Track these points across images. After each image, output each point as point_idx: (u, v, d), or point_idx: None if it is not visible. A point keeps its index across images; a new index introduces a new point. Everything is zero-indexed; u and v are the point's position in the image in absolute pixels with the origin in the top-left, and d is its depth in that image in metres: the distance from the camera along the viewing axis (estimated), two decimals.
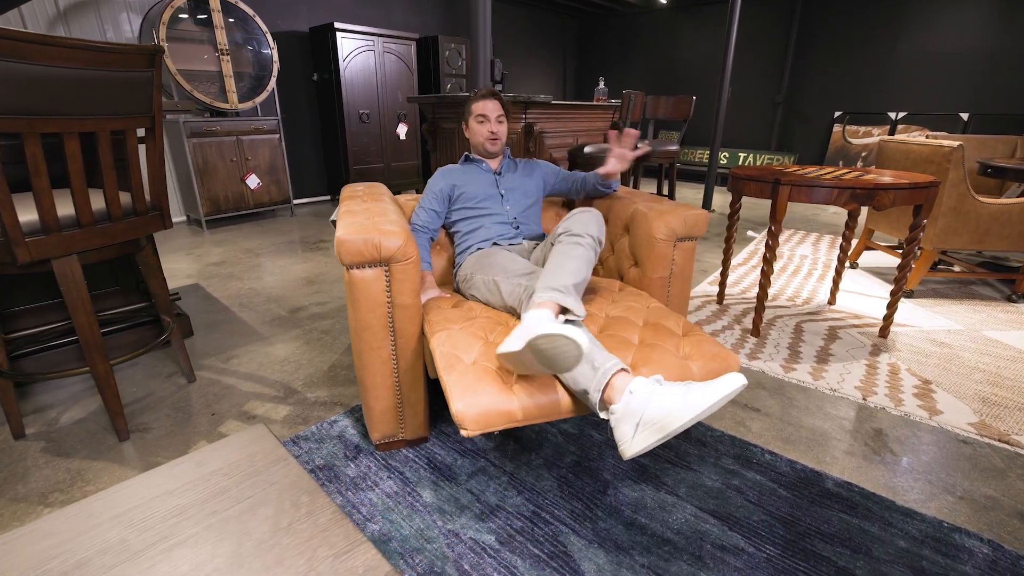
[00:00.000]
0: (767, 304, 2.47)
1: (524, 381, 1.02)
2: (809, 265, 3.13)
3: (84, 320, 1.33)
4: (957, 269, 2.91)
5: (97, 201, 1.35)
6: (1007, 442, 1.46)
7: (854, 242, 3.63)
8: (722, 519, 1.16)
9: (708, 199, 4.86)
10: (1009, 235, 2.42)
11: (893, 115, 5.53)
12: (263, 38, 4.07)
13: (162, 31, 3.53)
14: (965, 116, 5.16)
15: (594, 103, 3.64)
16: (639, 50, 7.46)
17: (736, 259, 3.26)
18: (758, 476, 1.30)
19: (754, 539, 1.11)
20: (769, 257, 1.97)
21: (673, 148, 3.60)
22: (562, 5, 7.04)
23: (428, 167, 5.54)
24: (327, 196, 5.34)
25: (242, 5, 3.90)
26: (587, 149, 3.35)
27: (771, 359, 1.92)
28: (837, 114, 5.89)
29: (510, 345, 0.96)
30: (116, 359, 1.46)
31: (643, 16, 7.30)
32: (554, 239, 1.32)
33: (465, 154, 1.78)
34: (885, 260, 3.26)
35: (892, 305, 2.05)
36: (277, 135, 4.24)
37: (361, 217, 1.27)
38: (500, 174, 1.73)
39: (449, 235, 1.75)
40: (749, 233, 3.98)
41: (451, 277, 1.73)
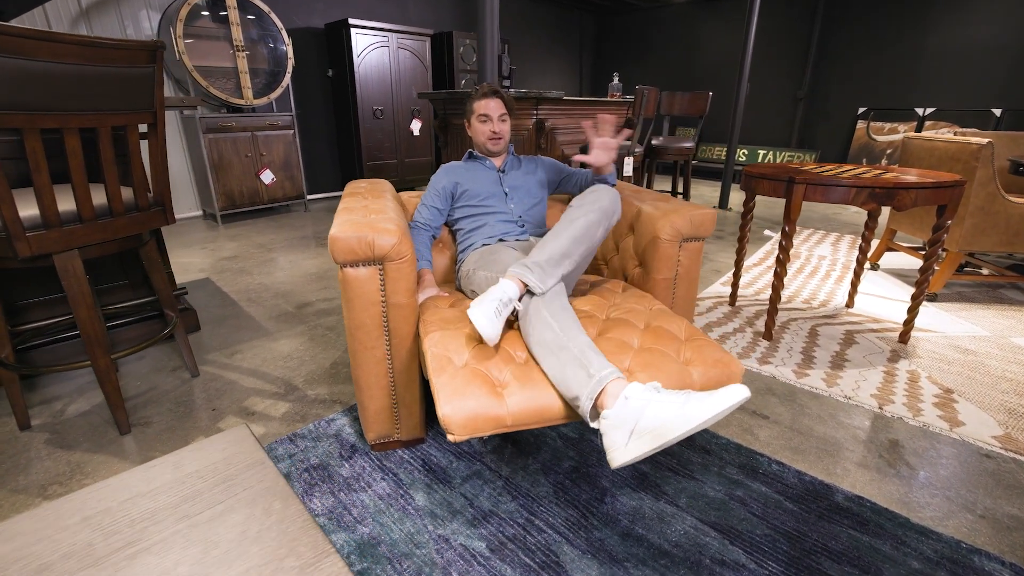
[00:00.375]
0: (781, 306, 2.40)
1: (515, 385, 0.98)
2: (827, 266, 3.03)
3: (85, 314, 1.34)
4: (985, 272, 2.78)
5: (99, 196, 1.36)
6: None
7: (875, 243, 3.50)
8: (723, 532, 1.12)
9: (725, 197, 4.76)
10: None
11: (920, 111, 5.32)
12: (278, 35, 4.09)
13: (179, 28, 3.57)
14: (998, 112, 4.94)
15: (607, 99, 3.58)
16: (657, 46, 7.33)
17: (751, 259, 3.17)
18: (764, 487, 1.25)
19: (756, 554, 1.06)
20: (783, 258, 1.90)
21: (688, 145, 3.52)
22: (579, 0, 6.94)
23: (441, 163, 5.52)
24: (341, 192, 5.37)
25: (258, 2, 3.92)
26: None
27: (783, 364, 1.86)
28: (861, 110, 5.70)
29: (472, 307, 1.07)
30: (117, 353, 1.47)
31: (661, 11, 7.16)
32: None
33: (468, 151, 1.75)
34: (908, 262, 3.14)
35: (913, 309, 1.97)
36: (291, 131, 4.26)
37: (357, 214, 1.25)
38: (504, 172, 1.70)
39: (452, 233, 1.72)
40: (766, 232, 3.87)
41: (453, 276, 1.70)
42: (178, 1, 3.72)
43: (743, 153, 6.59)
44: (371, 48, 4.65)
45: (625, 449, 0.88)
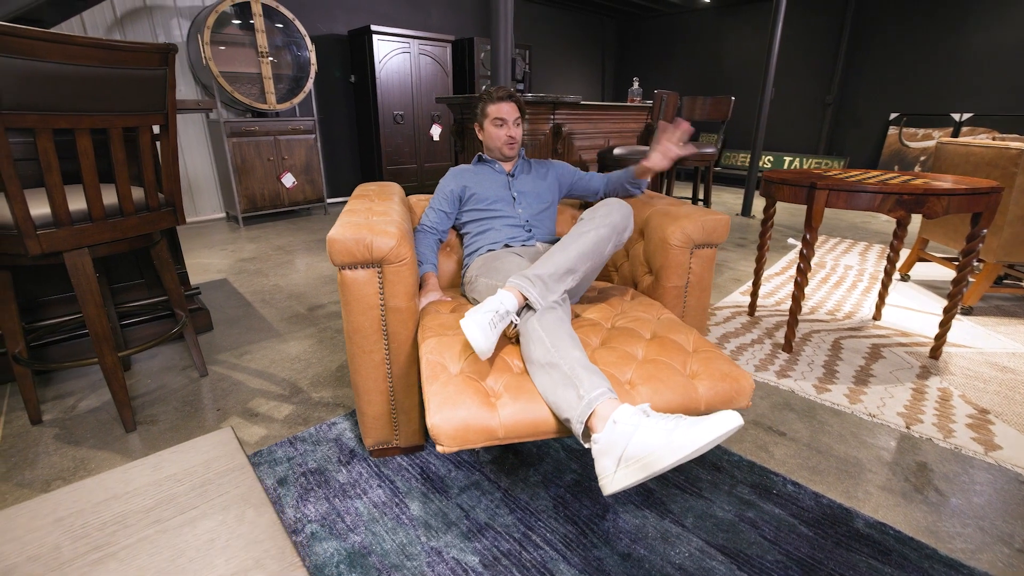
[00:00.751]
0: (804, 318, 2.30)
1: (508, 396, 0.95)
2: (854, 276, 2.91)
3: (93, 312, 1.35)
4: None
5: (109, 196, 1.38)
6: None
7: (904, 253, 3.35)
8: (731, 556, 1.05)
9: (748, 205, 4.64)
10: None
11: (957, 116, 5.10)
12: (302, 41, 4.17)
13: (207, 35, 3.67)
14: None
15: (626, 104, 3.52)
16: (681, 51, 7.23)
17: (774, 268, 3.07)
18: (777, 509, 1.18)
19: None
20: (803, 267, 1.82)
21: (709, 151, 3.44)
22: (602, 6, 6.91)
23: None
24: None
25: (283, 9, 4.01)
26: (617, 151, 3.24)
27: (803, 378, 1.77)
28: (893, 115, 5.50)
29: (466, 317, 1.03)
30: (125, 351, 1.48)
31: (685, 16, 7.07)
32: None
33: (478, 155, 1.72)
34: (941, 273, 2.98)
35: (946, 322, 1.86)
36: (313, 135, 4.33)
37: (359, 216, 1.23)
38: (513, 176, 1.67)
39: (459, 236, 1.70)
40: (790, 241, 3.75)
41: (459, 280, 1.68)
42: (207, 9, 3.82)
43: (768, 160, 6.43)
44: (393, 54, 4.70)
45: (613, 478, 0.83)
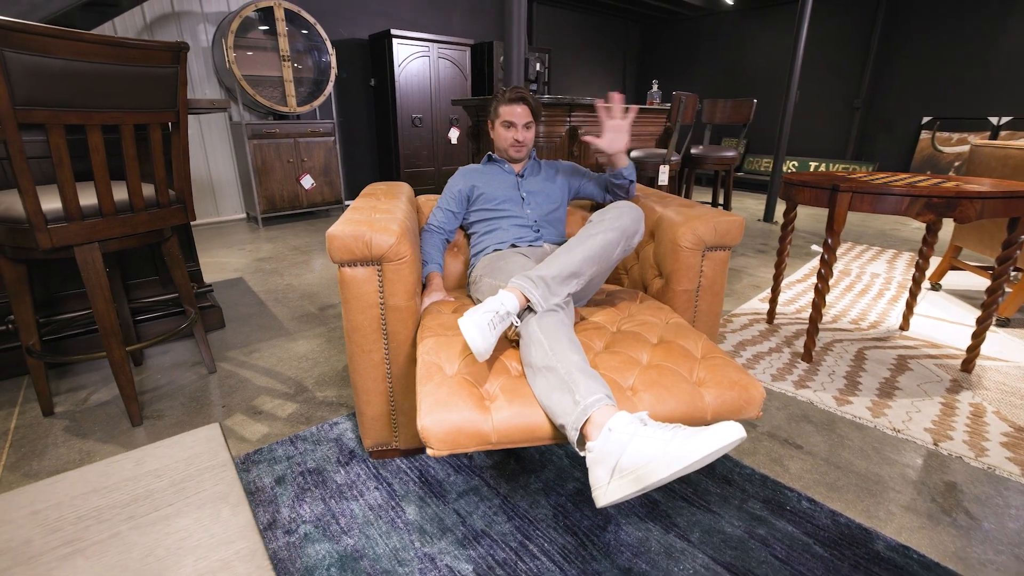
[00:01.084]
0: (826, 327, 2.21)
1: (503, 399, 0.91)
2: (881, 284, 2.79)
3: (102, 307, 1.37)
4: None
5: (120, 192, 1.40)
6: None
7: (935, 260, 3.20)
8: (739, 575, 1.00)
9: (771, 210, 4.52)
10: None
11: (995, 119, 4.89)
12: (323, 45, 4.23)
13: (230, 39, 3.75)
14: None
15: (645, 106, 3.47)
16: (704, 54, 7.12)
17: (796, 275, 2.96)
18: (790, 527, 1.12)
19: None
20: (825, 272, 1.74)
21: (730, 154, 3.36)
22: (624, 9, 6.86)
23: None
24: None
25: (304, 14, 4.07)
26: (634, 154, 3.19)
27: (823, 389, 1.69)
28: (926, 119, 5.30)
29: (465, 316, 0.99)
30: (132, 346, 1.50)
31: (708, 19, 6.97)
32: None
33: (488, 154, 1.70)
34: (975, 282, 2.84)
35: (979, 334, 1.75)
36: (332, 138, 4.38)
37: (362, 214, 1.22)
38: (523, 176, 1.64)
39: (467, 236, 1.68)
40: (813, 248, 3.63)
41: (466, 280, 1.65)
42: (231, 14, 3.91)
43: (793, 165, 6.26)
44: (412, 58, 4.74)
45: (607, 489, 0.79)
